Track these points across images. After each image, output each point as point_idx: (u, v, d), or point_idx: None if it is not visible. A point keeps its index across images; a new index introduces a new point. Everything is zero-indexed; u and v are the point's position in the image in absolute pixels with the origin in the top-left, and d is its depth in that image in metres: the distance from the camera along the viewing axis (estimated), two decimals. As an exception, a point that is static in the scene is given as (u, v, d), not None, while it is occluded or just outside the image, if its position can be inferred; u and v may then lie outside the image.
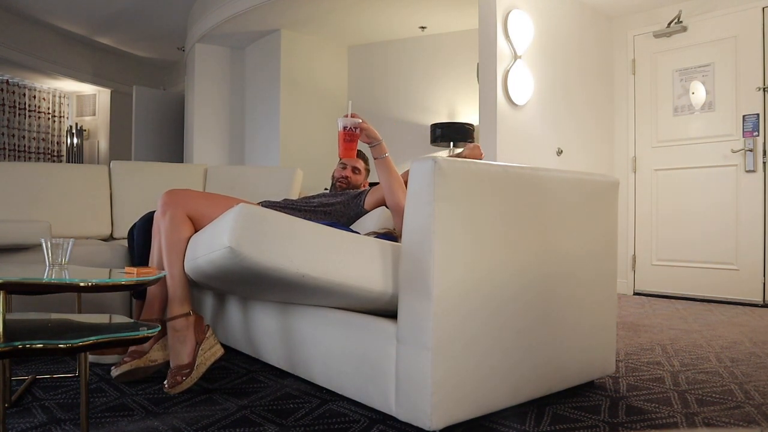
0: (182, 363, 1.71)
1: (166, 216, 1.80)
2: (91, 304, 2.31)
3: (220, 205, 1.83)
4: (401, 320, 1.41)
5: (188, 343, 1.73)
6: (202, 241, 1.59)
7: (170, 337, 1.74)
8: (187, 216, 1.81)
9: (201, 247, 1.58)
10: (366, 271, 1.45)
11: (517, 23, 3.70)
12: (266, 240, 1.38)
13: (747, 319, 3.22)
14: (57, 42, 7.12)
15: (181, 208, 1.81)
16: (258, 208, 1.44)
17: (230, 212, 1.42)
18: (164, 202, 1.84)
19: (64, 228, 2.79)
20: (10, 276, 1.18)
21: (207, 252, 1.49)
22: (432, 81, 5.36)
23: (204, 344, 1.76)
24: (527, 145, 3.80)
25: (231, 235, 1.35)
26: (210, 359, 1.75)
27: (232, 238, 1.35)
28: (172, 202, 1.82)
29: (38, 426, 1.41)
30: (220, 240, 1.39)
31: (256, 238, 1.37)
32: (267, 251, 1.37)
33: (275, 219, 1.43)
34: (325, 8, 4.79)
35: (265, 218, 1.41)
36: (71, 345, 1.10)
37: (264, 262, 1.37)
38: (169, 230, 1.79)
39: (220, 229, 1.42)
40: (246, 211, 1.39)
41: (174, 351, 1.73)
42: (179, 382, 1.66)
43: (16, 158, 7.39)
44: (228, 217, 1.41)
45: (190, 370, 1.69)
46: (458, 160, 1.41)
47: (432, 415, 1.33)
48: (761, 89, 3.80)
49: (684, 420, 1.52)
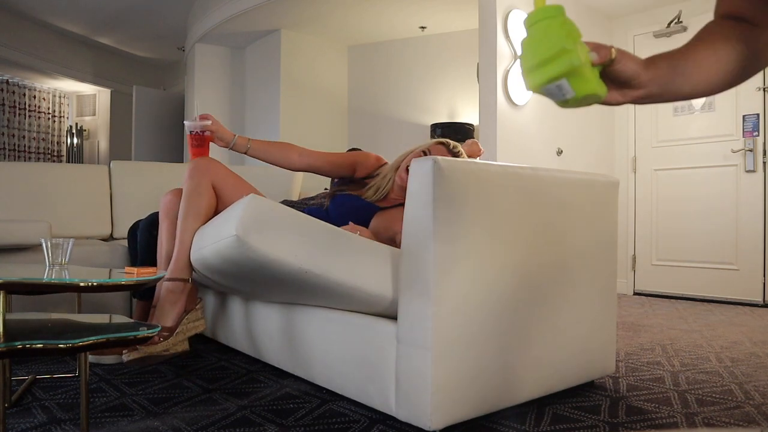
0: (165, 325, 1.71)
1: (192, 180, 1.81)
2: (91, 304, 2.31)
3: (244, 187, 1.86)
4: (401, 320, 1.41)
5: (177, 308, 1.74)
6: (209, 232, 1.61)
7: (162, 297, 1.75)
8: (213, 186, 1.83)
9: (208, 237, 1.60)
10: (368, 274, 1.45)
11: (517, 23, 3.70)
12: (273, 232, 1.39)
13: (747, 319, 3.22)
14: (57, 42, 7.13)
15: (208, 177, 1.82)
16: (268, 201, 1.46)
17: (240, 202, 1.44)
18: (193, 167, 1.84)
19: (64, 228, 2.79)
20: (10, 276, 1.18)
21: (214, 242, 1.51)
22: (432, 81, 5.36)
23: (191, 315, 1.78)
24: (527, 145, 3.80)
25: (239, 223, 1.37)
26: (191, 330, 1.77)
27: (239, 226, 1.37)
28: (201, 170, 1.83)
29: (38, 426, 1.41)
30: (227, 229, 1.41)
31: (263, 229, 1.39)
32: (273, 243, 1.38)
33: (284, 213, 1.44)
34: (325, 8, 4.79)
35: (274, 211, 1.43)
36: (71, 345, 1.10)
37: (269, 254, 1.38)
38: (192, 195, 1.79)
39: (229, 218, 1.44)
40: (256, 202, 1.41)
41: (161, 311, 1.73)
42: (156, 342, 1.66)
43: (16, 158, 7.39)
44: (237, 207, 1.43)
45: (170, 334, 1.70)
46: (458, 160, 1.41)
47: (432, 415, 1.33)
48: (761, 89, 3.79)
49: (684, 420, 1.52)
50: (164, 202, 1.98)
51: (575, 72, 0.68)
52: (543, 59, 0.70)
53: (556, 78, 0.69)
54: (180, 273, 1.76)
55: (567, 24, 0.70)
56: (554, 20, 0.70)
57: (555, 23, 0.70)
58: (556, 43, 0.68)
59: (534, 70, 0.71)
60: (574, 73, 0.68)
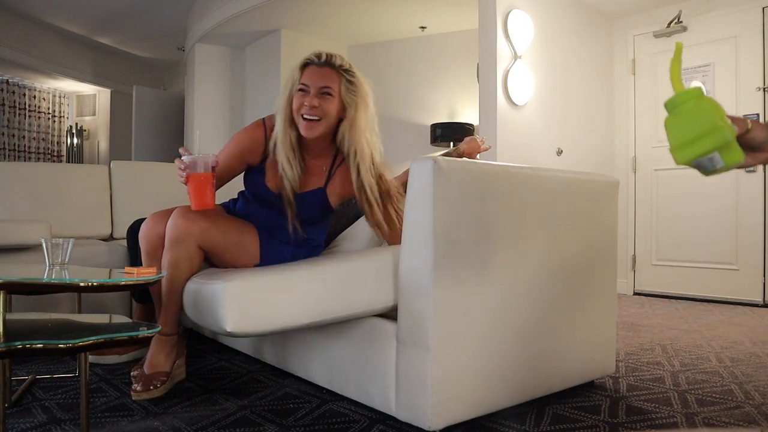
0: (161, 370, 1.69)
1: (174, 250, 1.63)
2: (91, 304, 2.31)
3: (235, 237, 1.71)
4: (401, 320, 1.41)
5: (171, 357, 1.73)
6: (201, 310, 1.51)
7: (155, 348, 1.71)
8: (200, 247, 1.66)
9: (202, 316, 1.51)
10: (370, 294, 1.47)
11: (517, 23, 3.70)
12: (264, 310, 1.39)
13: (747, 319, 3.22)
14: (57, 42, 7.12)
15: (193, 241, 1.64)
16: (242, 282, 1.39)
17: (218, 293, 1.37)
18: (173, 237, 1.63)
19: (64, 228, 2.79)
20: (10, 276, 1.18)
21: (209, 325, 1.47)
22: (432, 81, 5.36)
23: (179, 360, 1.77)
24: (527, 145, 3.80)
25: (226, 319, 1.35)
26: (176, 378, 1.75)
27: (228, 322, 1.35)
28: (183, 237, 1.63)
29: (38, 426, 1.41)
30: (218, 324, 1.38)
31: (253, 313, 1.38)
32: (267, 319, 1.39)
33: (267, 284, 1.42)
34: (325, 8, 4.79)
35: (256, 289, 1.40)
36: (71, 345, 1.10)
37: (268, 329, 1.39)
38: (179, 263, 1.63)
39: (214, 310, 1.39)
40: (233, 290, 1.37)
41: (156, 360, 1.70)
42: (156, 386, 1.64)
43: (16, 158, 7.38)
44: (218, 300, 1.37)
45: (166, 378, 1.68)
46: (458, 160, 1.41)
47: (432, 415, 1.33)
48: (761, 89, 3.79)
49: (684, 420, 1.52)
50: (146, 235, 1.80)
51: (727, 145, 0.78)
52: (695, 136, 0.78)
53: (710, 152, 0.78)
54: (170, 329, 1.71)
55: (714, 103, 0.80)
56: (701, 100, 0.80)
57: (704, 103, 0.79)
58: (708, 120, 0.78)
59: (686, 146, 0.79)
60: (726, 146, 0.78)
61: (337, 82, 1.68)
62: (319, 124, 1.68)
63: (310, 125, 1.67)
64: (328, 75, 1.68)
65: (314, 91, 1.67)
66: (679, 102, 0.81)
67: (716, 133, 0.76)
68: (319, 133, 1.69)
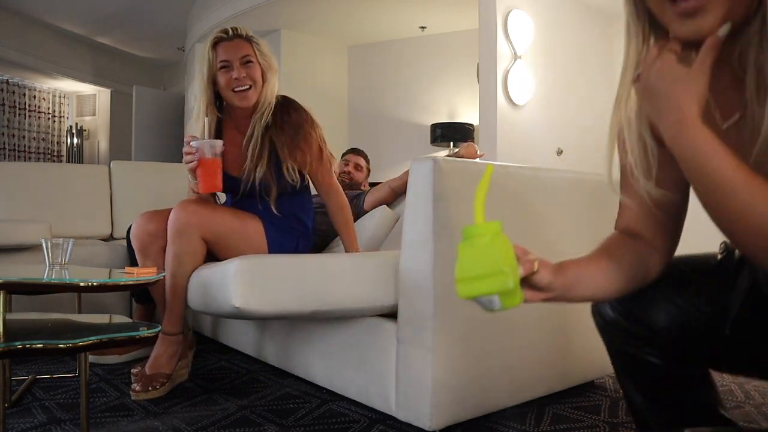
0: (162, 371, 1.68)
1: (177, 243, 1.64)
2: (91, 304, 2.31)
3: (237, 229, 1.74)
4: (401, 320, 1.41)
5: (175, 358, 1.72)
6: (207, 293, 1.54)
7: (160, 348, 1.70)
8: (203, 240, 1.67)
9: (207, 302, 1.54)
10: (373, 290, 1.47)
11: (517, 23, 3.70)
12: (271, 290, 1.39)
13: (747, 319, 3.22)
14: (57, 42, 7.13)
15: (196, 233, 1.65)
16: (255, 258, 1.43)
17: (229, 270, 1.39)
18: (175, 228, 1.64)
19: (64, 228, 2.79)
20: (10, 276, 1.19)
21: (215, 309, 1.49)
22: (432, 81, 5.36)
23: (183, 361, 1.75)
24: (527, 145, 3.80)
25: (235, 295, 1.36)
26: (178, 380, 1.74)
27: (236, 297, 1.36)
28: (185, 228, 1.64)
29: (38, 426, 1.41)
30: (225, 299, 1.39)
31: (261, 291, 1.38)
32: (274, 300, 1.39)
33: (277, 265, 1.43)
34: (325, 8, 4.79)
35: (266, 268, 1.41)
36: (71, 345, 1.10)
37: (273, 311, 1.40)
38: (182, 256, 1.64)
39: (222, 285, 1.41)
40: (245, 267, 1.38)
41: (159, 359, 1.69)
42: (156, 387, 1.63)
43: (16, 158, 7.39)
44: (228, 277, 1.39)
45: (166, 380, 1.67)
46: (458, 160, 1.41)
47: (432, 415, 1.33)
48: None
49: (684, 420, 1.52)
50: (137, 234, 1.79)
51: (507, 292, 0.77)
52: (479, 274, 0.76)
53: (491, 294, 0.76)
54: (174, 328, 1.70)
55: (504, 245, 0.78)
56: (496, 238, 0.78)
57: (497, 242, 0.78)
58: (496, 263, 0.76)
59: (468, 282, 0.77)
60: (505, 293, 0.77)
61: (251, 49, 1.83)
62: (252, 92, 1.80)
63: (243, 95, 1.78)
64: (243, 45, 1.82)
65: (237, 63, 1.79)
66: (476, 234, 0.79)
67: (499, 279, 0.75)
68: (254, 100, 1.80)
